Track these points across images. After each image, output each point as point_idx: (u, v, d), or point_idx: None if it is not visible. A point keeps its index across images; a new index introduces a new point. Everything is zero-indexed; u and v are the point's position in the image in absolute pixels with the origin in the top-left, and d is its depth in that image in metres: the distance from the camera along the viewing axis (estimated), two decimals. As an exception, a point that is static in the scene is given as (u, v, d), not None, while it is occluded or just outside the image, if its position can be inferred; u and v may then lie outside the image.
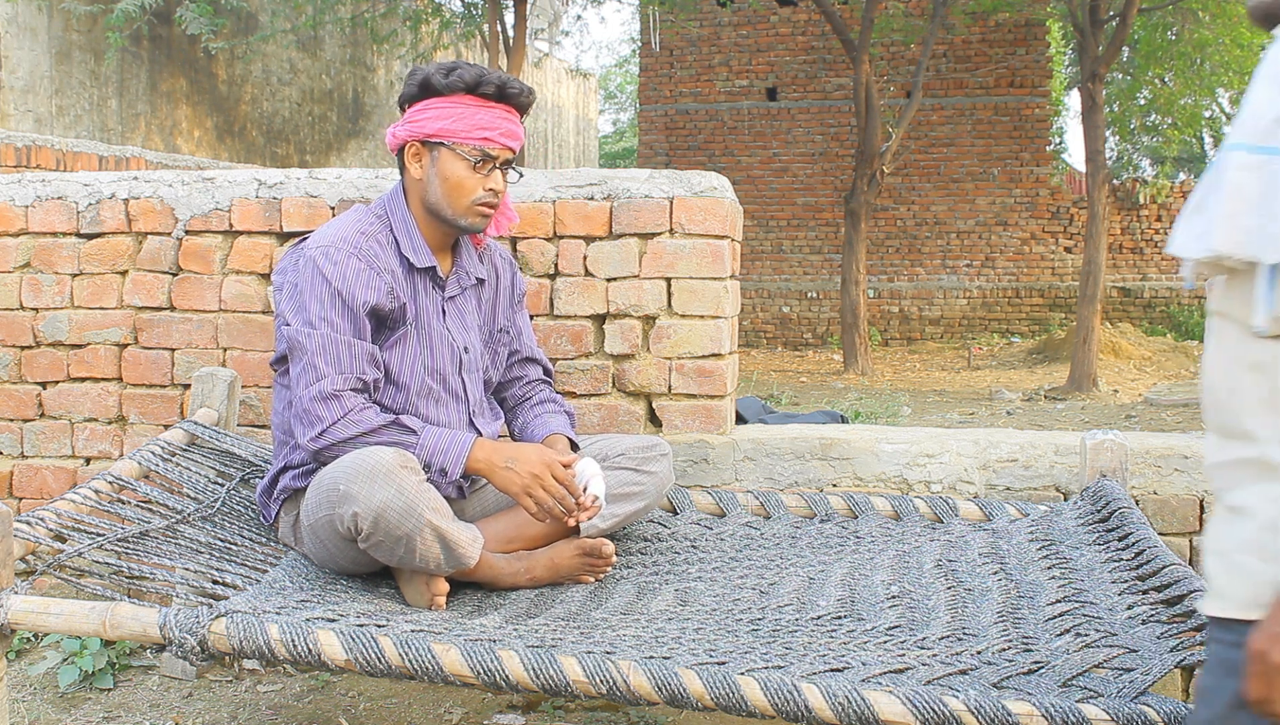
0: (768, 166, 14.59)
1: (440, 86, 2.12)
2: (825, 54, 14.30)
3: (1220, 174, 1.12)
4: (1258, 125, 1.11)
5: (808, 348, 14.33)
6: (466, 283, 2.27)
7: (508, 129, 2.14)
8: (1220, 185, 1.12)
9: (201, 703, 2.43)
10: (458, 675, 1.65)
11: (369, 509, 1.89)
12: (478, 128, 2.11)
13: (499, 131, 2.12)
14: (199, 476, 2.38)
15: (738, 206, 2.80)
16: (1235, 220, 1.09)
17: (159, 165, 8.38)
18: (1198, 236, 1.13)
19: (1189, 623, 1.79)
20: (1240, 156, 1.10)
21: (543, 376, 2.44)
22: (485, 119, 2.12)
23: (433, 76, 2.12)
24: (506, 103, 2.15)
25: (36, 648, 2.67)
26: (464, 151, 2.11)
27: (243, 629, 1.71)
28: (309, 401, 2.03)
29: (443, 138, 2.12)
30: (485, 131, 2.11)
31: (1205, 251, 1.11)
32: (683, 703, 1.59)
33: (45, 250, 2.93)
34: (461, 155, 2.12)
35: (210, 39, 10.58)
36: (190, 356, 2.86)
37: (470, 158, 2.12)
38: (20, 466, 2.95)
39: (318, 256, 2.09)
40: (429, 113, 2.13)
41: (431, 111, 2.13)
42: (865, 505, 2.49)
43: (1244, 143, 1.11)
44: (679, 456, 2.67)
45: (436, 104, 2.13)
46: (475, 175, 2.13)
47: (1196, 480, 2.56)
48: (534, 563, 2.18)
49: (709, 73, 14.69)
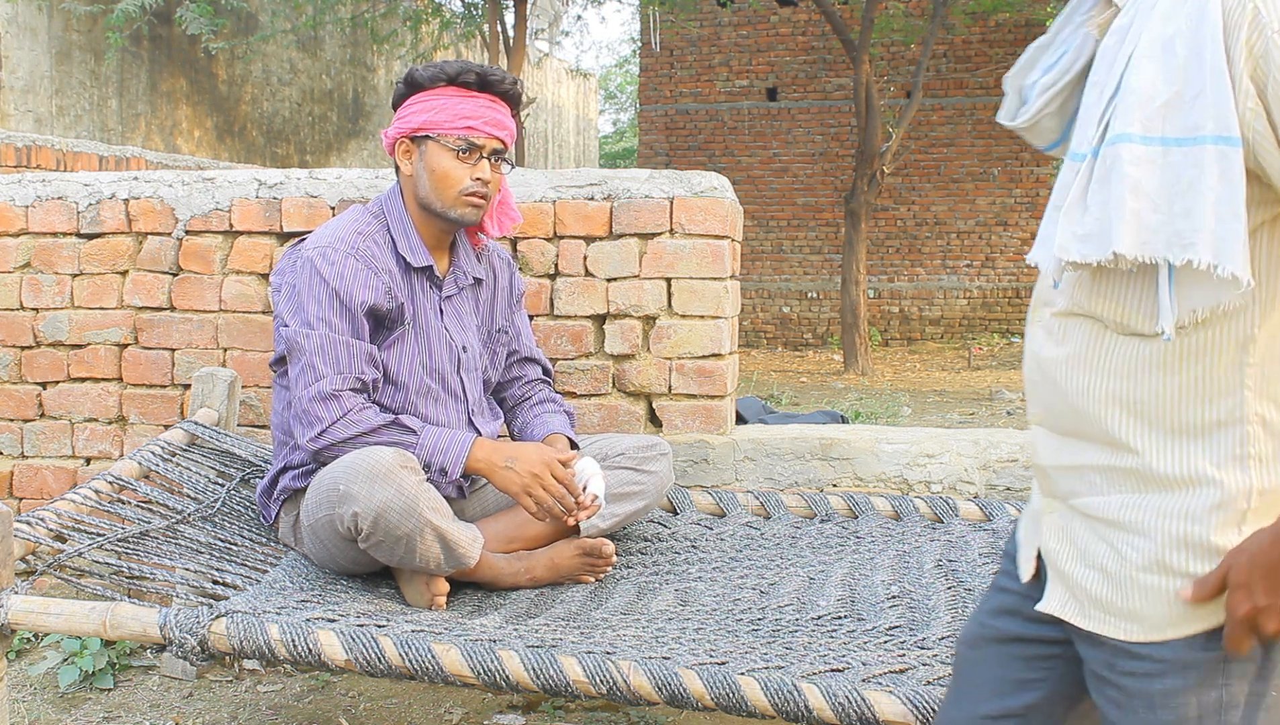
0: (768, 166, 14.59)
1: (424, 80, 2.14)
2: (825, 54, 14.29)
3: (1110, 169, 1.03)
4: (1146, 112, 1.02)
5: (808, 348, 14.32)
6: (464, 282, 2.27)
7: (492, 118, 2.14)
8: (1111, 181, 1.03)
9: (201, 703, 2.43)
10: (458, 675, 1.65)
11: (369, 509, 1.89)
12: (461, 117, 2.11)
13: (483, 120, 2.13)
14: (199, 477, 2.38)
15: (738, 206, 2.80)
16: (1138, 219, 1.01)
17: (159, 165, 8.38)
18: (1084, 238, 1.05)
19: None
20: (1132, 149, 1.02)
21: (542, 376, 2.44)
22: (468, 108, 2.12)
23: (417, 72, 2.15)
24: (490, 92, 2.15)
25: (36, 648, 2.67)
26: (449, 142, 2.12)
27: (243, 629, 1.71)
28: (308, 402, 2.03)
29: (428, 130, 2.13)
30: (469, 121, 2.12)
31: (1101, 254, 1.02)
32: (683, 703, 1.59)
33: (45, 250, 2.93)
34: (447, 146, 2.12)
35: (210, 39, 10.58)
36: (190, 356, 2.86)
37: (455, 147, 2.12)
38: (20, 466, 2.95)
39: (315, 257, 2.09)
40: (414, 107, 2.14)
41: (417, 106, 2.14)
42: (865, 505, 2.48)
43: (1133, 133, 1.02)
44: (679, 456, 2.67)
45: (421, 98, 2.14)
46: (462, 165, 2.13)
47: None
48: (534, 563, 2.18)
49: (709, 73, 14.69)
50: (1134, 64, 1.05)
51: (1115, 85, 1.06)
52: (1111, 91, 1.06)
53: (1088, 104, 1.11)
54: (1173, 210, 1.00)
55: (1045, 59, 1.24)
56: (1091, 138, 1.07)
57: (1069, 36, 1.21)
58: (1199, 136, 0.99)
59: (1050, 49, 1.23)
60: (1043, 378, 1.16)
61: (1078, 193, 1.07)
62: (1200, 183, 0.99)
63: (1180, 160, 1.00)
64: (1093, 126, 1.08)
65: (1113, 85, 1.07)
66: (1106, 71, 1.09)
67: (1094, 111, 1.08)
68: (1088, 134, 1.08)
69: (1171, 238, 1.00)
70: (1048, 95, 1.20)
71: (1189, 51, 1.01)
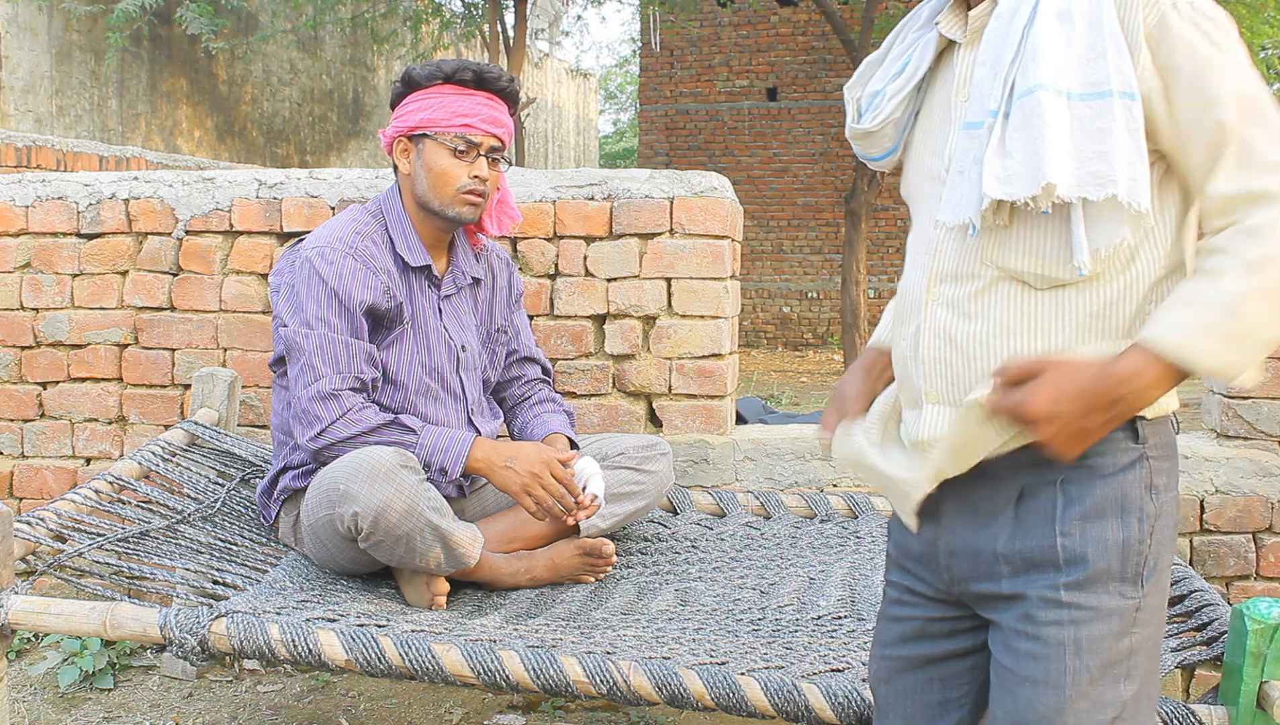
0: (768, 166, 14.58)
1: (420, 79, 2.14)
2: (825, 54, 14.29)
3: (1030, 115, 1.14)
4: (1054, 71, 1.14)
5: (808, 348, 14.31)
6: (463, 282, 2.27)
7: (489, 115, 2.14)
8: (1032, 125, 1.13)
9: (201, 703, 2.43)
10: (458, 675, 1.65)
11: (369, 508, 1.89)
12: (457, 115, 2.11)
13: (479, 118, 2.13)
14: (199, 477, 2.38)
15: (738, 206, 2.80)
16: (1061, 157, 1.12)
17: (159, 165, 8.37)
18: (1009, 179, 1.14)
19: (1189, 623, 1.79)
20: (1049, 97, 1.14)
21: (541, 376, 2.44)
22: (465, 106, 2.12)
23: (414, 71, 2.15)
24: (487, 89, 2.15)
25: (36, 648, 2.67)
26: (446, 140, 2.12)
27: (243, 629, 1.71)
28: (308, 401, 2.03)
29: (425, 129, 2.13)
30: (465, 118, 2.12)
31: (1032, 190, 1.12)
32: (683, 703, 1.59)
33: (45, 250, 2.93)
34: (444, 144, 2.12)
35: (210, 39, 10.57)
36: (190, 356, 2.86)
37: (452, 145, 2.12)
38: (20, 466, 2.95)
39: (313, 257, 2.09)
40: (411, 106, 2.14)
41: (414, 105, 2.14)
42: (865, 505, 2.48)
43: (1046, 84, 1.14)
44: (679, 456, 2.67)
45: (418, 97, 2.14)
46: (459, 163, 2.13)
47: (1197, 480, 2.56)
48: (534, 562, 2.18)
49: (709, 73, 14.68)
50: (1035, 33, 1.17)
51: (1013, 54, 1.18)
52: (1011, 57, 1.18)
53: (980, 78, 1.22)
54: (1087, 154, 1.12)
55: (884, 70, 1.36)
56: (995, 99, 1.18)
57: (907, 48, 1.35)
58: (1105, 91, 1.13)
59: (886, 61, 1.37)
60: (955, 353, 1.22)
61: (995, 143, 1.17)
62: (1111, 131, 1.12)
63: (1089, 112, 1.13)
64: (996, 91, 1.18)
65: (1010, 54, 1.18)
66: (998, 47, 1.20)
67: (992, 81, 1.20)
68: (987, 104, 1.19)
69: (1087, 178, 1.12)
70: (898, 99, 1.33)
71: (1087, 21, 1.15)
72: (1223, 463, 2.57)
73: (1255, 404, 2.57)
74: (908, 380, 1.29)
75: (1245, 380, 1.17)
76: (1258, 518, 2.55)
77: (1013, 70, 1.17)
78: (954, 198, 1.21)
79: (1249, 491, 2.55)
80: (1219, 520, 2.56)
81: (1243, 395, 2.57)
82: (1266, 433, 2.57)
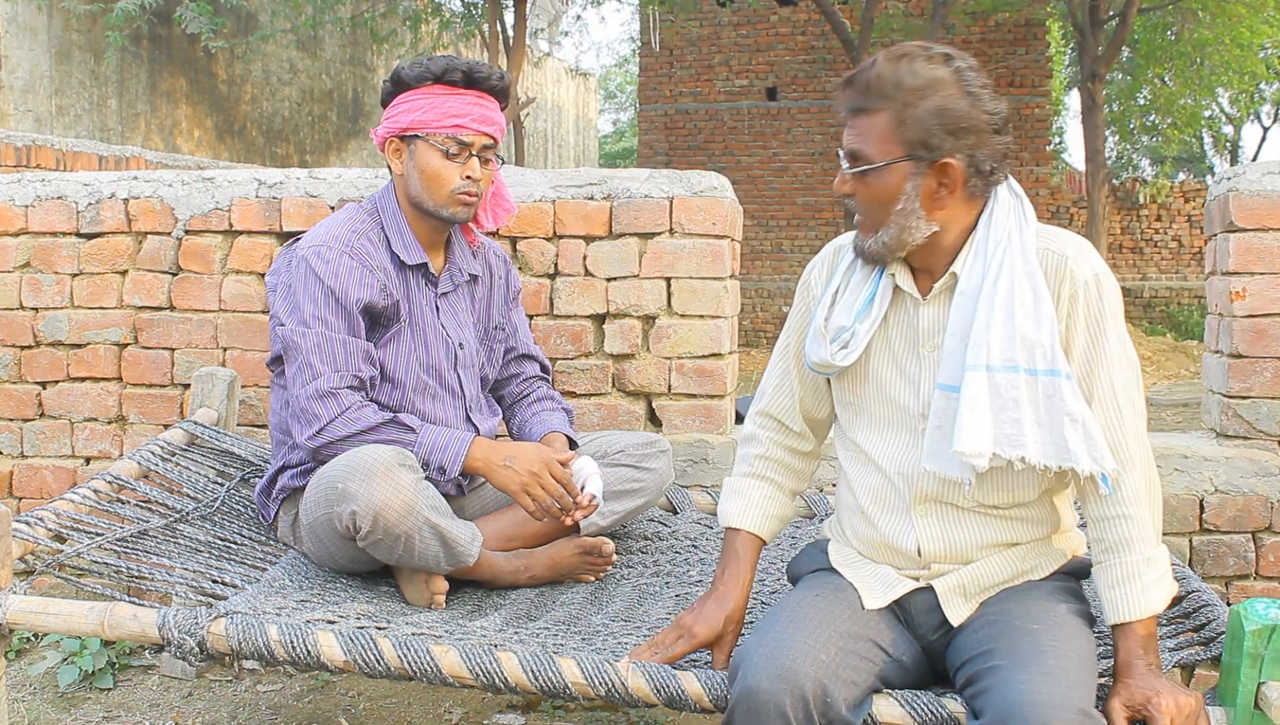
0: (768, 166, 14.58)
1: (410, 79, 2.12)
2: (825, 54, 14.29)
3: (1004, 393, 1.45)
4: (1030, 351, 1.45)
5: (808, 347, 14.30)
6: (460, 279, 2.27)
7: (480, 115, 2.13)
8: (1006, 403, 1.45)
9: (201, 702, 2.43)
10: (456, 677, 1.65)
11: (368, 507, 1.88)
12: (449, 116, 2.10)
13: (471, 118, 2.12)
14: (199, 476, 2.38)
15: (737, 206, 2.80)
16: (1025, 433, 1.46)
17: (159, 165, 8.37)
18: (1007, 441, 1.46)
19: (1187, 623, 1.79)
20: (1020, 378, 1.45)
21: (539, 373, 2.44)
22: (456, 106, 2.11)
23: (403, 70, 2.13)
24: (477, 88, 2.14)
25: (36, 648, 2.67)
26: (437, 142, 2.11)
27: (242, 630, 1.71)
28: (306, 400, 2.03)
29: (417, 130, 2.12)
30: (457, 119, 2.11)
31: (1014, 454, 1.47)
32: (681, 704, 1.59)
33: (45, 250, 2.93)
34: (435, 146, 2.11)
35: (210, 38, 10.58)
36: (190, 356, 2.86)
37: (444, 147, 2.11)
38: (20, 466, 2.95)
39: (310, 256, 2.09)
40: (402, 106, 2.13)
41: (404, 105, 2.13)
42: (865, 505, 2.48)
43: (1021, 365, 1.45)
44: (679, 456, 2.67)
45: (408, 97, 2.13)
46: (452, 164, 2.12)
47: (1196, 480, 2.56)
48: (534, 561, 2.17)
49: (709, 73, 14.68)
50: (990, 316, 1.46)
51: (969, 330, 1.48)
52: (966, 336, 1.48)
53: (951, 348, 1.51)
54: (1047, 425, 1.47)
55: (845, 305, 1.60)
56: (964, 368, 1.47)
57: (860, 282, 1.60)
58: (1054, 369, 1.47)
59: (846, 294, 1.61)
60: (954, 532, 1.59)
61: (982, 409, 1.46)
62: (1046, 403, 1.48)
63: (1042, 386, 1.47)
64: (960, 362, 1.48)
65: (967, 332, 1.48)
66: (964, 320, 1.50)
67: (960, 351, 1.49)
68: (959, 371, 1.48)
69: (1048, 447, 1.47)
70: (868, 337, 1.58)
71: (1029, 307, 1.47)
72: (1222, 462, 2.57)
73: (1255, 404, 2.57)
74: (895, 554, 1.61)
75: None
76: (1257, 517, 2.55)
77: (983, 347, 1.47)
78: (938, 450, 1.51)
79: (1248, 491, 2.55)
80: (1218, 520, 2.56)
81: (1243, 395, 2.57)
82: (1266, 433, 2.57)
